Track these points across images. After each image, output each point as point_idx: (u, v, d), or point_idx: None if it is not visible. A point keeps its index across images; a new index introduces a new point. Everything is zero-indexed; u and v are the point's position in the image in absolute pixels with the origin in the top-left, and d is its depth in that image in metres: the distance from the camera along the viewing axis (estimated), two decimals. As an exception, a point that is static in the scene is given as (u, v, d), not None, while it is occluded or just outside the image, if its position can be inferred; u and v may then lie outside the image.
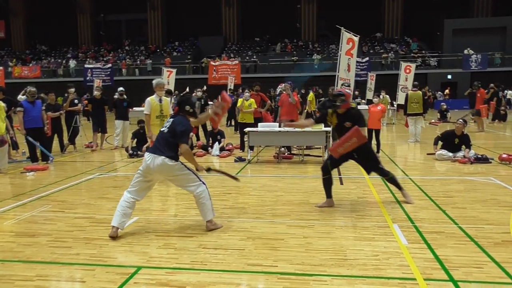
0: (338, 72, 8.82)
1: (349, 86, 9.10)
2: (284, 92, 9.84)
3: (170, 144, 4.47)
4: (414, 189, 6.47)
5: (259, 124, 9.54)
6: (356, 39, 9.14)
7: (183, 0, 36.58)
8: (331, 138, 8.60)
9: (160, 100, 7.40)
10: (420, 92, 12.41)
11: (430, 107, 20.38)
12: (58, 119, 10.28)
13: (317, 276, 3.48)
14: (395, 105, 19.15)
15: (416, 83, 13.40)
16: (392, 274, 3.50)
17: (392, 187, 6.50)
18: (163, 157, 4.38)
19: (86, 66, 28.16)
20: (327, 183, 5.56)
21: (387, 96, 18.07)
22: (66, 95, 11.16)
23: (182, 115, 4.63)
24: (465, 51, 27.64)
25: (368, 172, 5.89)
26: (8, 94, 9.98)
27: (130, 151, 10.27)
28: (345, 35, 8.83)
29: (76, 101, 11.03)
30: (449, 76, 29.50)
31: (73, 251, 4.13)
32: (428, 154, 9.66)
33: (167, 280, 3.46)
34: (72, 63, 34.35)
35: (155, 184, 4.85)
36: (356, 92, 21.53)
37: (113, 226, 4.43)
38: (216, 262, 3.81)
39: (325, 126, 8.23)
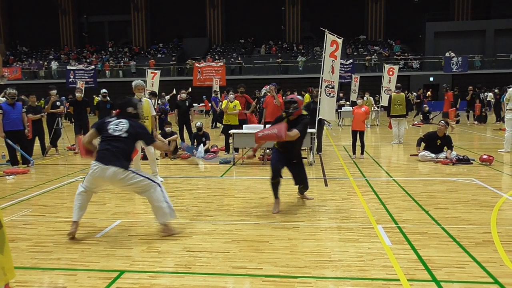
0: (322, 74, 8.87)
1: (333, 88, 9.15)
2: (268, 93, 9.84)
3: (126, 152, 4.38)
4: (398, 190, 6.54)
5: (244, 125, 9.53)
6: (339, 41, 9.19)
7: (167, 1, 36.37)
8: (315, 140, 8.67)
9: (140, 101, 7.26)
10: (403, 94, 12.57)
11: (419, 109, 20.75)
12: (39, 121, 10.09)
13: (302, 278, 3.47)
14: (375, 107, 19.33)
15: (399, 85, 13.55)
16: (376, 275, 3.52)
17: (376, 188, 6.59)
18: (116, 168, 4.27)
19: (68, 67, 27.67)
20: (276, 186, 5.44)
21: (371, 98, 18.32)
22: (48, 97, 10.95)
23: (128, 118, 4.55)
24: (447, 54, 28.15)
25: (296, 183, 5.81)
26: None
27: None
28: (329, 37, 8.89)
29: (58, 103, 10.84)
30: (431, 78, 30.01)
31: (54, 256, 4.04)
32: (411, 155, 9.79)
33: (150, 284, 3.41)
34: (54, 65, 33.74)
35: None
36: (341, 94, 21.71)
37: (74, 222, 4.47)
38: (200, 265, 3.77)
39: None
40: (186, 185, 7.17)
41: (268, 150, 9.61)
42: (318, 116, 9.10)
